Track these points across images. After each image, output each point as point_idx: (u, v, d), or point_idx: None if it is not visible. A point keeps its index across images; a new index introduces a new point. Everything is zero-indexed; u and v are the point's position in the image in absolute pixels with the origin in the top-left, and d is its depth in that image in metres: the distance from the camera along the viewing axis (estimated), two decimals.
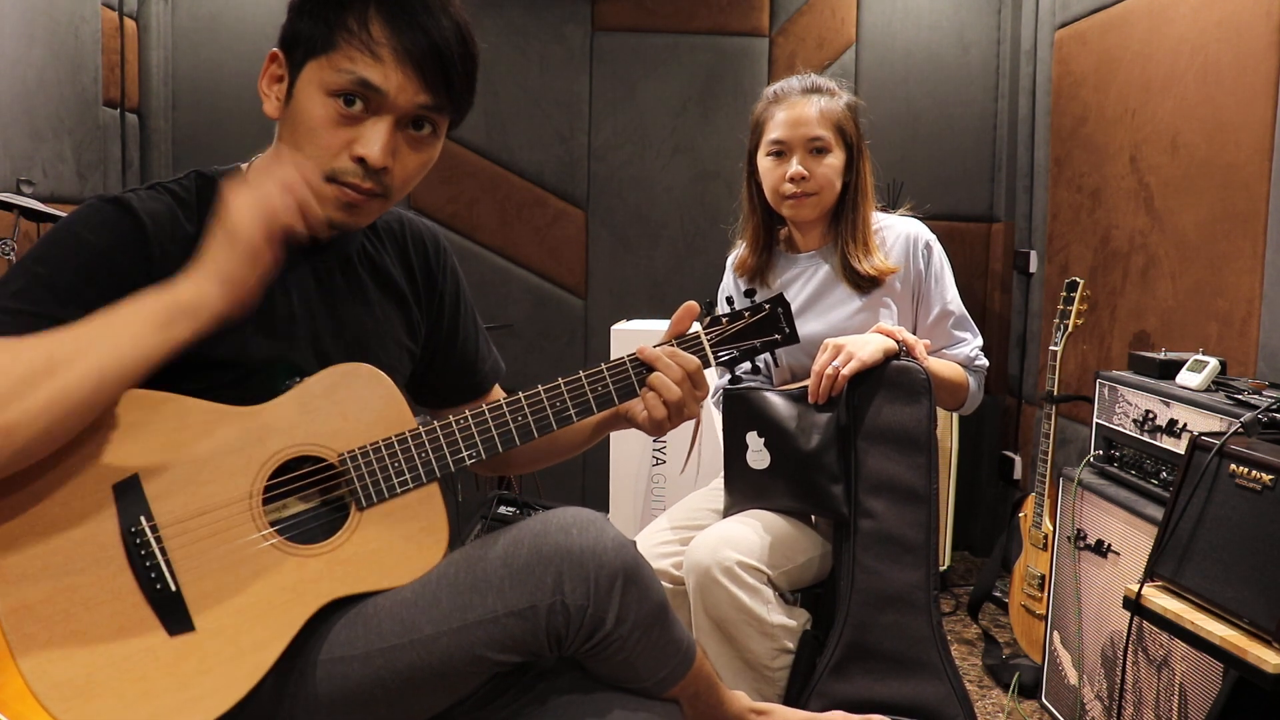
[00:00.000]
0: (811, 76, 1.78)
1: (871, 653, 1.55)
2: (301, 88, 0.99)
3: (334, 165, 0.98)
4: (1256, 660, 1.19)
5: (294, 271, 1.07)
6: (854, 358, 1.59)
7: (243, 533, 0.94)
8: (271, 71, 1.03)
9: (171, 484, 0.91)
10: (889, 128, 3.35)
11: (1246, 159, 2.09)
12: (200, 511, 0.91)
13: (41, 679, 0.83)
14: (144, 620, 0.87)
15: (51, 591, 0.84)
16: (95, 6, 2.88)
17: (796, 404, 1.64)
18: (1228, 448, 1.36)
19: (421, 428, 1.04)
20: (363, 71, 0.96)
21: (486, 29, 3.37)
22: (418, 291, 1.22)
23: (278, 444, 0.97)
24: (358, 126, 0.98)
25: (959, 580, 3.27)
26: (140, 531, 0.88)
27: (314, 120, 0.98)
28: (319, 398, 1.00)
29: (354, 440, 1.00)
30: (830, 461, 1.60)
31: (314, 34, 0.98)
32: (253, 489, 0.95)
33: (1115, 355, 2.62)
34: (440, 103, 1.01)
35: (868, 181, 1.79)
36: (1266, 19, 2.03)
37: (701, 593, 1.57)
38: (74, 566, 0.85)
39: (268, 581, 0.94)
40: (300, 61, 1.00)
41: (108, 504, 0.88)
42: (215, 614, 0.90)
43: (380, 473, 1.00)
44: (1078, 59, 2.86)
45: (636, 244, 3.46)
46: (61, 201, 2.69)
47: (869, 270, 1.74)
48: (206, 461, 0.93)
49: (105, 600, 0.86)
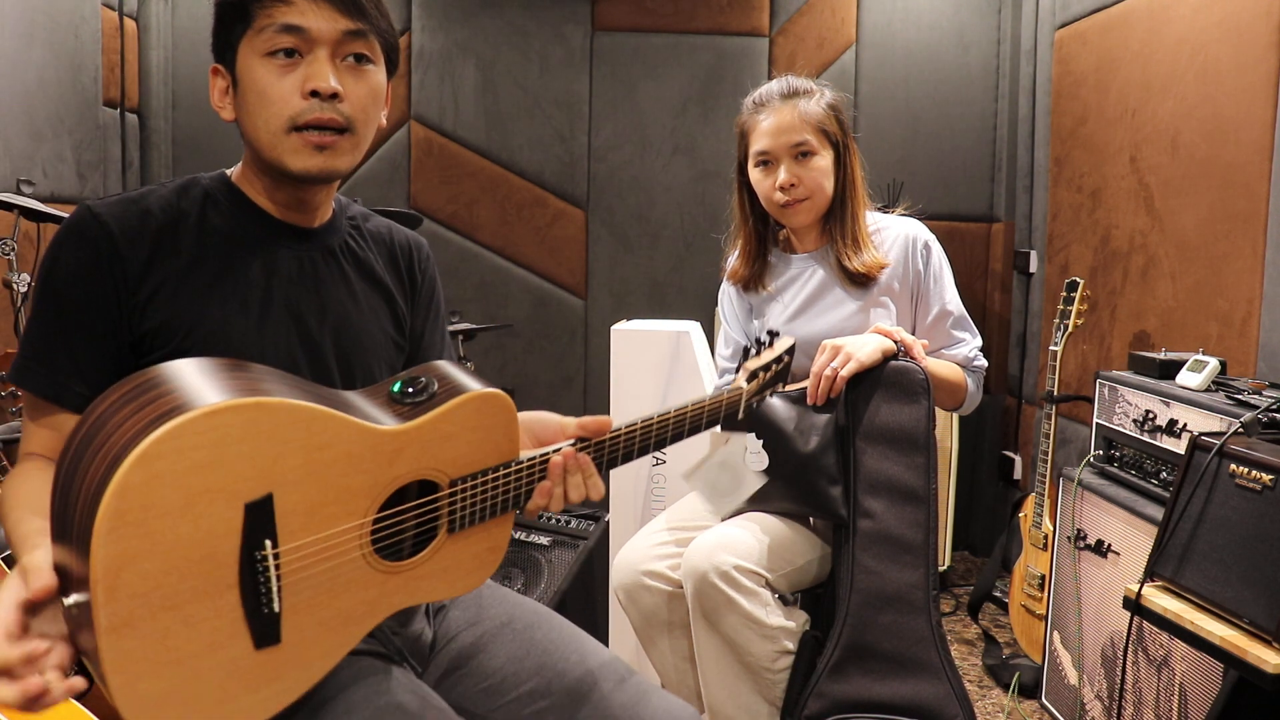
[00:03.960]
0: (789, 79, 1.77)
1: (871, 653, 1.55)
2: (242, 68, 1.04)
3: (291, 112, 1.03)
4: (1256, 660, 1.19)
5: (275, 256, 1.10)
6: (852, 359, 1.59)
7: (347, 553, 0.92)
8: (218, 85, 1.08)
9: (300, 503, 0.87)
10: (889, 128, 3.35)
11: (1246, 159, 2.09)
12: (319, 534, 0.89)
13: (129, 695, 0.79)
14: (236, 635, 0.84)
15: (158, 609, 0.79)
16: (95, 6, 2.88)
17: (795, 406, 1.64)
18: (1228, 448, 1.36)
19: (525, 458, 1.05)
20: (281, 18, 1.02)
21: (486, 29, 3.37)
22: (404, 288, 1.25)
23: (404, 468, 0.95)
24: (299, 70, 1.04)
25: (959, 580, 3.27)
26: (264, 556, 0.85)
27: (261, 84, 1.03)
28: (455, 424, 0.99)
29: (467, 466, 1.00)
30: (829, 463, 1.60)
31: (230, 17, 1.04)
32: (369, 512, 0.93)
33: (1115, 355, 2.62)
34: (360, 24, 1.06)
35: (857, 177, 1.78)
36: (1266, 19, 2.03)
37: (699, 597, 1.57)
38: (186, 585, 0.80)
39: (352, 596, 0.93)
40: (233, 48, 1.05)
41: (236, 522, 0.83)
42: (300, 627, 0.89)
43: (480, 501, 1.02)
44: (1078, 59, 2.86)
45: (636, 244, 3.46)
46: (61, 201, 2.69)
47: (859, 268, 1.74)
48: (335, 481, 0.90)
49: (207, 618, 0.82)
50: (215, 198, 1.09)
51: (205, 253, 1.05)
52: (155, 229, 1.03)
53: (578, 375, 3.50)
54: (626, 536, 1.88)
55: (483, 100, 3.39)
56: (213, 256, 1.06)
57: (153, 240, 1.03)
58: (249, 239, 1.09)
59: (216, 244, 1.07)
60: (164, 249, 1.03)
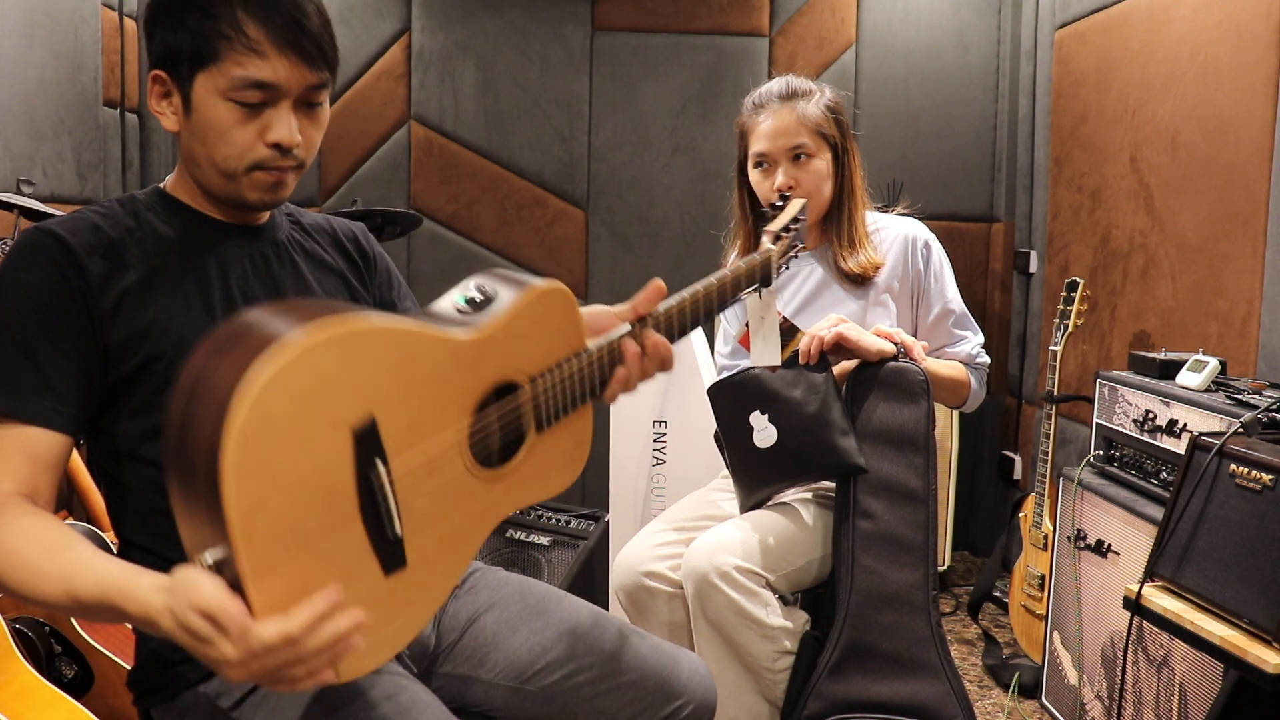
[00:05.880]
0: (789, 80, 1.77)
1: (870, 653, 1.55)
2: (200, 99, 1.04)
3: (253, 157, 1.06)
4: (1256, 660, 1.19)
5: (226, 255, 1.12)
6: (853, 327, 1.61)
7: (451, 464, 0.94)
8: (156, 91, 1.07)
9: (400, 422, 0.88)
10: (889, 128, 3.35)
11: (1246, 159, 2.09)
12: (425, 448, 0.91)
13: None
14: (365, 564, 0.85)
15: (294, 549, 0.79)
16: (95, 6, 2.88)
17: (790, 370, 1.64)
18: (1228, 448, 1.36)
19: (592, 346, 1.07)
20: (255, 74, 1.02)
21: (486, 29, 3.37)
22: (357, 269, 1.28)
23: (488, 373, 0.97)
24: (262, 117, 1.05)
25: (959, 580, 3.27)
26: (378, 480, 0.85)
27: (222, 124, 1.04)
28: (526, 323, 1.01)
29: (541, 362, 1.02)
30: (836, 416, 1.59)
31: (191, 46, 1.02)
32: (464, 420, 0.95)
33: (1115, 355, 2.62)
34: (323, 76, 1.08)
35: (856, 178, 1.79)
36: (1266, 19, 2.03)
37: (700, 598, 1.57)
38: (314, 521, 0.81)
39: (463, 509, 0.95)
40: (188, 75, 1.04)
41: (347, 450, 0.83)
42: (423, 547, 0.90)
43: (559, 397, 1.04)
44: (1078, 59, 2.86)
45: (636, 244, 3.46)
46: (61, 201, 2.69)
47: (855, 268, 1.74)
48: (429, 395, 0.91)
49: (338, 551, 0.83)
50: (157, 209, 1.11)
51: (160, 261, 1.07)
52: (108, 242, 1.04)
53: None
54: (626, 536, 1.88)
55: (483, 100, 3.39)
56: (168, 263, 1.07)
57: (108, 253, 1.03)
58: (199, 242, 1.11)
59: (169, 251, 1.08)
60: (120, 260, 1.04)
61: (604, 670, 1.19)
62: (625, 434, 2.49)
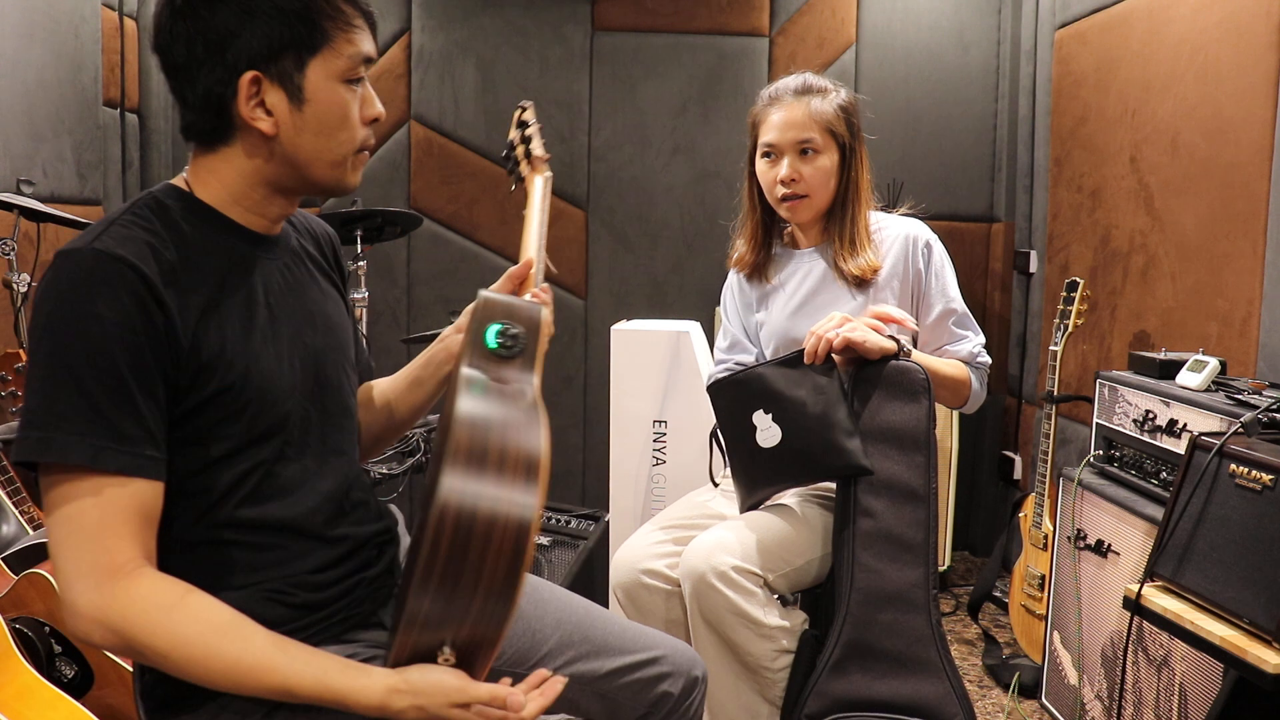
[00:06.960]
0: (806, 76, 1.77)
1: (870, 652, 1.55)
2: (316, 86, 1.00)
3: (361, 136, 1.06)
4: (1256, 660, 1.19)
5: (265, 271, 1.07)
6: (858, 328, 1.60)
7: None
8: (248, 92, 0.98)
9: None
10: (889, 128, 3.35)
11: (1246, 159, 2.09)
12: None
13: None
14: None
15: None
16: (95, 6, 2.88)
17: (794, 369, 1.63)
18: (1228, 448, 1.36)
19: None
20: (365, 48, 1.03)
21: (486, 29, 3.37)
22: (339, 274, 1.26)
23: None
24: (358, 94, 1.05)
25: (959, 580, 3.27)
26: None
27: (343, 108, 1.03)
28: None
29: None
30: (841, 417, 1.59)
31: (294, 34, 0.97)
32: None
33: (1115, 355, 2.62)
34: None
35: (862, 180, 1.78)
36: (1266, 19, 2.03)
37: (698, 598, 1.57)
38: None
39: None
40: (297, 65, 0.99)
41: None
42: None
43: None
44: (1078, 59, 2.86)
45: (636, 244, 3.46)
46: (61, 201, 2.69)
47: (854, 270, 1.74)
48: None
49: None
50: (190, 219, 1.01)
51: (213, 283, 1.00)
52: (170, 267, 0.95)
53: (578, 375, 3.50)
54: (626, 536, 1.88)
55: (483, 100, 3.39)
56: (221, 286, 1.00)
57: (172, 279, 0.95)
58: (240, 257, 1.04)
59: (219, 271, 1.01)
60: (184, 288, 0.96)
61: (598, 655, 1.24)
62: (625, 434, 2.49)
